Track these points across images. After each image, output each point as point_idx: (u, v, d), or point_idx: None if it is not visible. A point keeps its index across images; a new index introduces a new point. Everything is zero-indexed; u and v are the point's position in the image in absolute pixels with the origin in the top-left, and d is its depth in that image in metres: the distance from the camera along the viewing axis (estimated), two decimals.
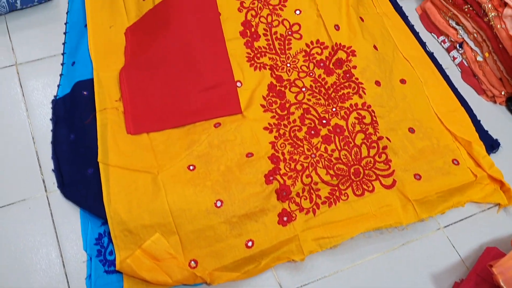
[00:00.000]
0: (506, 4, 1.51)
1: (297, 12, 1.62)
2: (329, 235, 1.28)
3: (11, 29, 1.55)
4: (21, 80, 1.46)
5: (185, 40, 1.48)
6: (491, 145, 1.52)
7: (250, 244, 1.22)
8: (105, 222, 1.22)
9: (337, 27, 1.60)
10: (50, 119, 1.40)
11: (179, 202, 1.22)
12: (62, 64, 1.50)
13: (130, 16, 1.56)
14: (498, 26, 1.53)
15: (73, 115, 1.39)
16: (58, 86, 1.46)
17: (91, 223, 1.25)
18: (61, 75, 1.48)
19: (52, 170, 1.31)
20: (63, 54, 1.52)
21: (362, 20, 1.66)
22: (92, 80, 1.43)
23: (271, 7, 1.62)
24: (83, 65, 1.47)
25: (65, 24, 1.59)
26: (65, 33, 1.57)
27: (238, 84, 1.48)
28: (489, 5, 1.55)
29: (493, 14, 1.54)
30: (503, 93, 1.62)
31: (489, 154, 1.49)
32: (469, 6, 1.63)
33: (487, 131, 1.55)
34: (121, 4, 1.57)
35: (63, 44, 1.54)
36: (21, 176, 1.30)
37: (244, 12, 1.60)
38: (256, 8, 1.61)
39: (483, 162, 1.44)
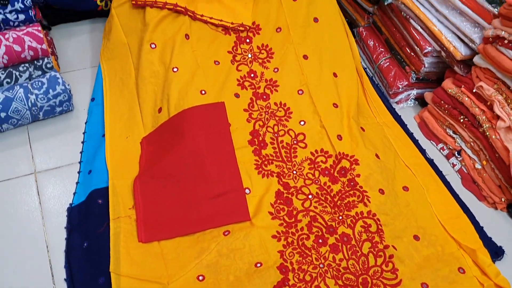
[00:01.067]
0: (499, 117, 1.60)
1: (302, 123, 1.73)
2: None
3: (32, 139, 1.64)
4: (38, 188, 1.52)
5: (197, 150, 1.56)
6: (496, 252, 1.54)
7: None
8: None
9: (339, 137, 1.69)
10: (65, 227, 1.44)
11: None
12: (78, 172, 1.57)
13: (146, 127, 1.65)
14: (493, 137, 1.61)
15: (87, 224, 1.43)
16: (74, 194, 1.52)
17: None
18: (77, 183, 1.55)
19: (64, 279, 1.33)
20: (80, 162, 1.60)
21: (363, 130, 1.76)
22: (107, 188, 1.49)
23: (277, 118, 1.73)
24: (99, 173, 1.53)
25: (83, 133, 1.68)
26: (83, 142, 1.66)
27: (247, 191, 1.54)
28: (483, 117, 1.65)
29: (487, 125, 1.63)
30: (503, 199, 1.66)
31: (494, 261, 1.51)
32: (464, 117, 1.73)
33: (490, 238, 1.58)
34: (138, 116, 1.67)
35: (81, 152, 1.63)
36: (33, 286, 1.31)
37: (252, 122, 1.70)
38: (263, 119, 1.71)
39: (489, 271, 1.45)
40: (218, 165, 1.55)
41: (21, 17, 1.65)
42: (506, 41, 1.53)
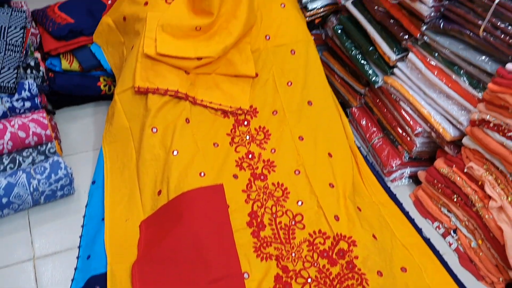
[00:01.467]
0: (491, 197, 1.64)
1: (299, 203, 1.75)
2: None
3: (32, 223, 1.66)
4: (37, 274, 1.52)
5: (195, 233, 1.57)
6: None
7: None
8: None
9: (336, 218, 1.71)
10: None
11: None
12: (77, 258, 1.57)
13: (145, 209, 1.67)
14: (486, 216, 1.64)
15: None
16: (72, 280, 1.51)
17: None
18: (75, 269, 1.54)
19: None
20: (79, 247, 1.60)
21: (360, 209, 1.78)
22: (105, 274, 1.48)
23: (275, 198, 1.76)
24: (98, 258, 1.53)
25: (83, 217, 1.70)
26: (82, 226, 1.67)
27: (245, 275, 1.53)
28: (476, 197, 1.68)
29: (480, 205, 1.66)
30: (501, 279, 1.66)
31: None
32: (457, 196, 1.76)
33: None
34: (138, 198, 1.70)
35: (80, 237, 1.63)
36: None
37: (250, 203, 1.73)
38: (261, 200, 1.74)
39: None
40: (217, 249, 1.56)
41: (27, 104, 1.72)
42: (491, 125, 1.60)
